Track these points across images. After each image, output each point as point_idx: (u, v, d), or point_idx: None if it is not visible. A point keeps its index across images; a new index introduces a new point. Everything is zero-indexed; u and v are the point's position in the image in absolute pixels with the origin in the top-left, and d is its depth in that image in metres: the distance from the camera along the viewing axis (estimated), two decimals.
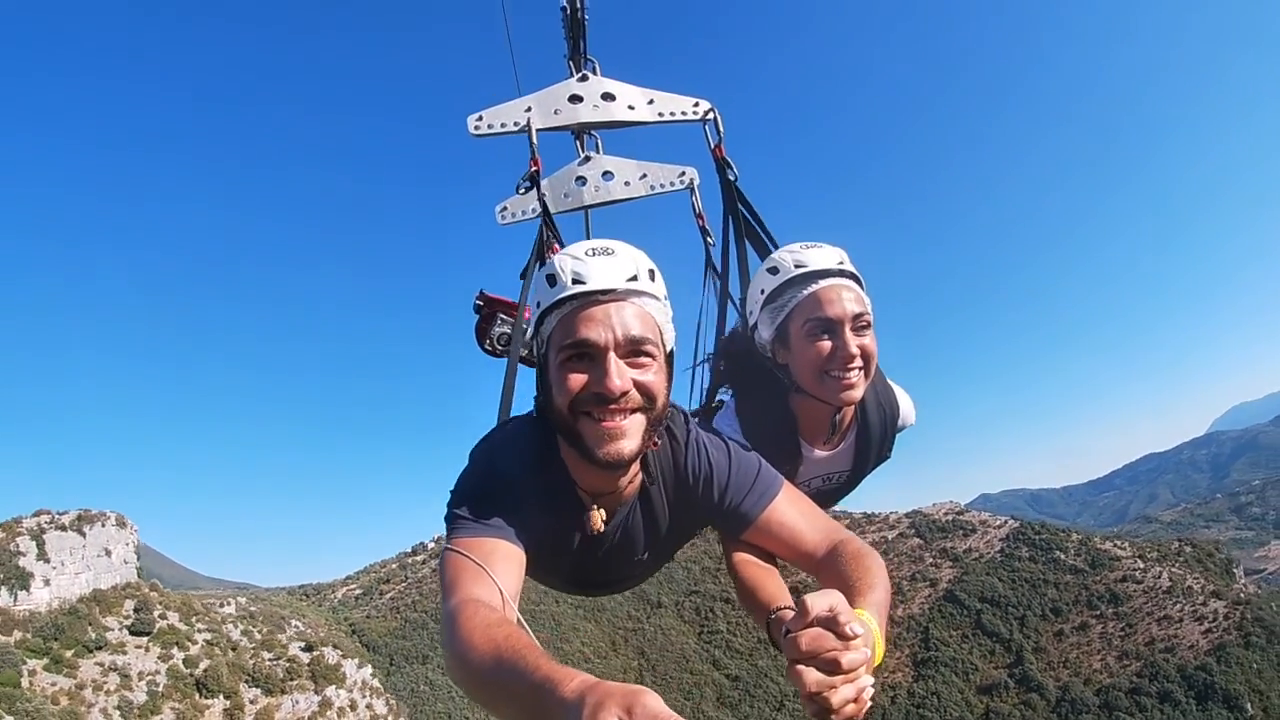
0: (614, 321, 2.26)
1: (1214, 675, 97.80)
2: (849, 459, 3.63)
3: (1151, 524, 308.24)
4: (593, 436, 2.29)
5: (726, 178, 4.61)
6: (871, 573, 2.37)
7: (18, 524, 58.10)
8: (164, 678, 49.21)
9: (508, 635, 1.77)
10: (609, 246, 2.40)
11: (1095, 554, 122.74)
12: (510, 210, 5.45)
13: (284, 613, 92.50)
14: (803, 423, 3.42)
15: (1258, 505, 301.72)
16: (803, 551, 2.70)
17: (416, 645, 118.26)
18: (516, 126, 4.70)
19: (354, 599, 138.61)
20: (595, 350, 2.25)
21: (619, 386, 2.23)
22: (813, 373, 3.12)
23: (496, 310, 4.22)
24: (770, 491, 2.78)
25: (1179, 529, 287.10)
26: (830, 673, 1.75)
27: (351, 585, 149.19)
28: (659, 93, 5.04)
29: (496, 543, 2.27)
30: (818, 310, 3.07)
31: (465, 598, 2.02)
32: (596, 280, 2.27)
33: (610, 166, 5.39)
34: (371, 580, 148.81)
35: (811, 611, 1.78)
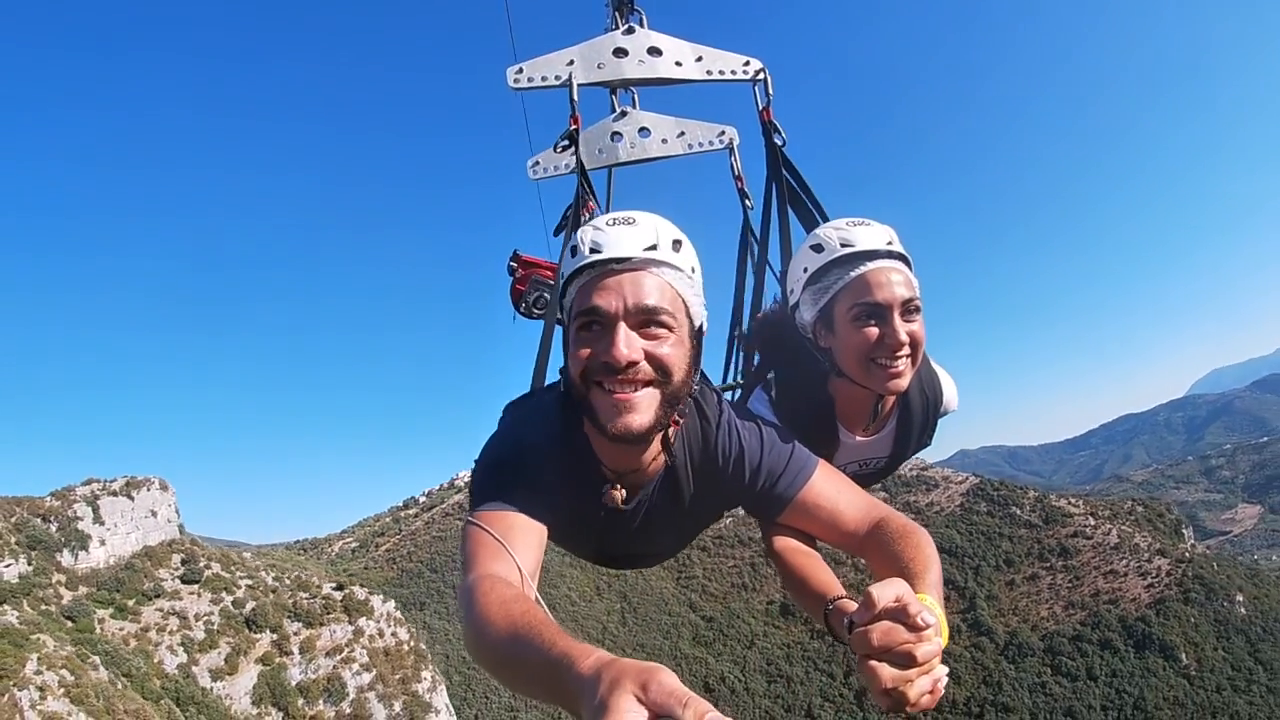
0: (626, 290, 2.23)
1: (1153, 627, 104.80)
2: (888, 445, 3.45)
3: (1123, 483, 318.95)
4: (603, 408, 2.26)
5: (773, 142, 4.42)
6: (923, 551, 2.31)
7: (70, 492, 64.86)
8: (217, 618, 56.10)
9: (524, 611, 1.75)
10: (631, 216, 2.37)
11: (1050, 510, 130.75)
12: (542, 165, 5.25)
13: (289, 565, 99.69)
14: (841, 407, 3.23)
15: (1227, 469, 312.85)
16: (844, 531, 2.65)
17: (414, 593, 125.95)
18: (558, 80, 4.54)
19: (350, 552, 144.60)
20: (606, 318, 2.23)
21: (625, 355, 2.18)
22: (859, 360, 2.92)
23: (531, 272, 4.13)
24: (805, 471, 2.71)
25: (1149, 489, 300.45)
26: (904, 667, 1.71)
27: (347, 539, 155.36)
28: (708, 49, 4.82)
29: (517, 517, 2.27)
30: (865, 294, 2.87)
31: (483, 573, 2.03)
32: (612, 249, 2.26)
33: (647, 123, 5.16)
34: (366, 534, 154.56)
35: (879, 603, 1.71)
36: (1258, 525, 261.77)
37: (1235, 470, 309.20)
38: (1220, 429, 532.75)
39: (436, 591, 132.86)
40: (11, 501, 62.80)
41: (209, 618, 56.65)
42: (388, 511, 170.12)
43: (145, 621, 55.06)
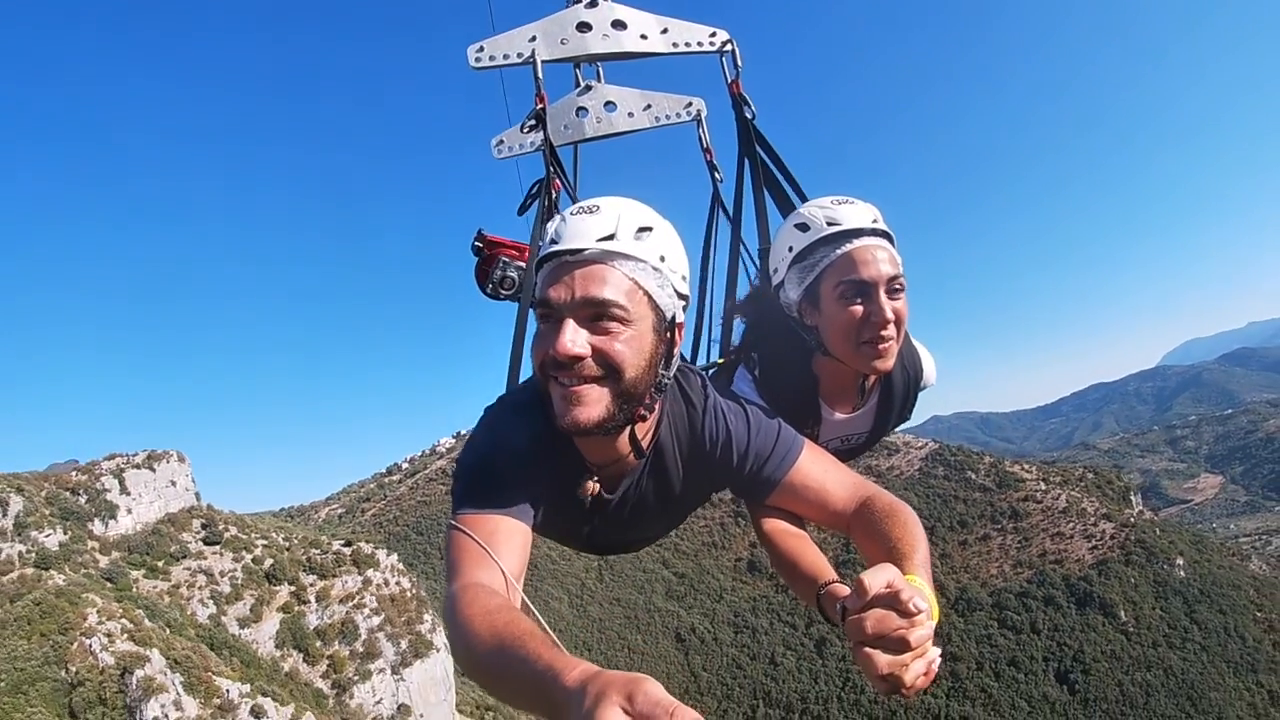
0: (576, 283, 2.17)
1: (1094, 586, 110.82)
2: (870, 420, 3.47)
3: (1089, 450, 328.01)
4: (555, 401, 2.23)
5: (743, 115, 4.30)
6: (910, 531, 2.32)
7: (96, 465, 71.63)
8: (240, 574, 62.27)
9: (508, 622, 1.75)
10: (597, 204, 2.29)
11: (1003, 475, 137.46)
12: (507, 144, 5.03)
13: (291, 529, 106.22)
14: (825, 385, 3.25)
15: (1191, 439, 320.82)
16: (832, 511, 2.65)
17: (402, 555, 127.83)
18: (520, 58, 4.39)
19: (337, 518, 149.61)
20: (553, 312, 2.19)
21: (566, 350, 2.13)
22: (845, 337, 2.91)
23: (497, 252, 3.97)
24: (792, 453, 2.70)
25: (1115, 457, 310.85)
26: (899, 652, 1.72)
27: (333, 505, 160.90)
28: (673, 20, 4.68)
29: (501, 520, 2.23)
30: (851, 272, 2.85)
31: (467, 582, 2.02)
32: (568, 240, 2.21)
33: (613, 96, 5.03)
34: (352, 500, 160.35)
35: (870, 590, 1.72)
36: (1218, 495, 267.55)
37: (1199, 441, 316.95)
38: (1188, 400, 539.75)
39: (423, 553, 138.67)
40: (39, 477, 69.13)
41: (233, 574, 63.23)
42: (371, 478, 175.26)
43: (175, 579, 61.66)
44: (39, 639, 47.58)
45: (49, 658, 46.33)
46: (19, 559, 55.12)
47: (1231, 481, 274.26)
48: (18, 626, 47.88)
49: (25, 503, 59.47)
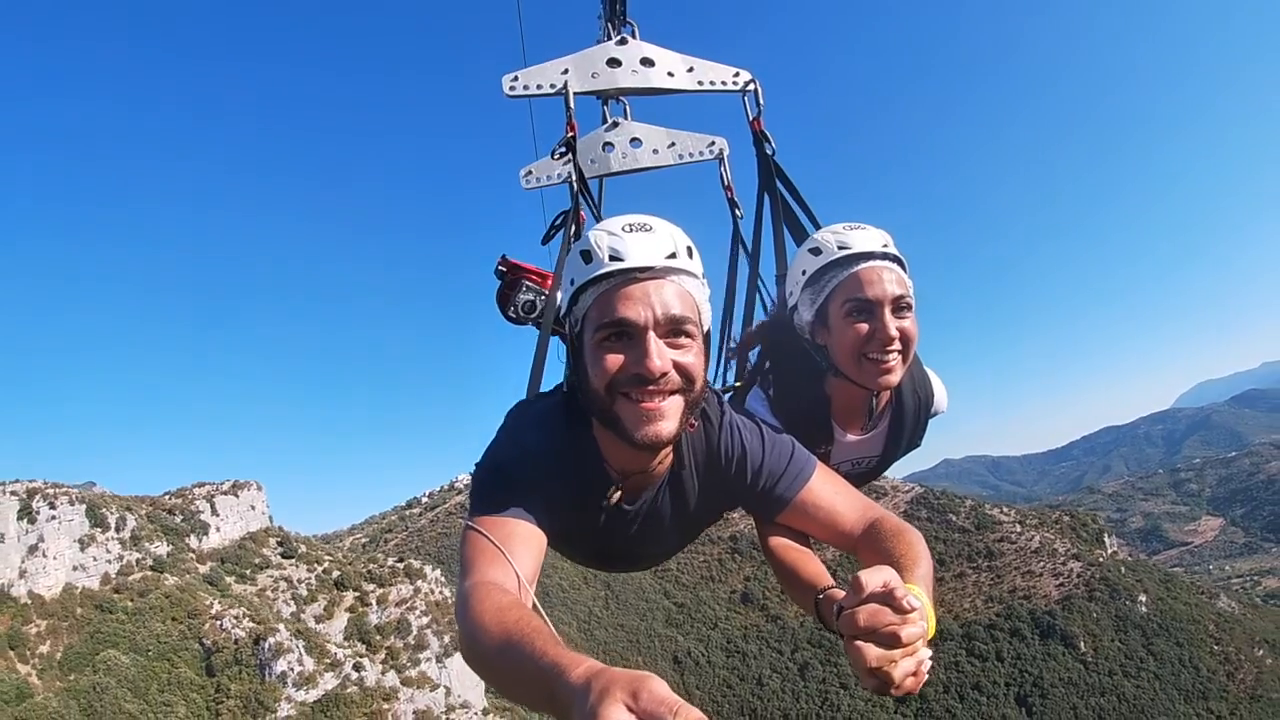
0: (653, 300, 2.23)
1: (1058, 619, 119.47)
2: (880, 444, 3.60)
3: (1095, 494, 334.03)
4: (631, 418, 2.26)
5: (764, 152, 4.46)
6: (914, 548, 2.39)
7: (189, 491, 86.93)
8: (314, 581, 76.47)
9: (518, 619, 1.78)
10: (646, 222, 2.36)
11: (982, 518, 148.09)
12: (535, 174, 5.28)
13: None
14: (837, 406, 3.39)
15: (1195, 482, 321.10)
16: (840, 531, 2.71)
17: None
18: (553, 89, 4.58)
19: (361, 546, 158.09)
20: (634, 329, 2.22)
21: (659, 367, 2.20)
22: (850, 355, 3.07)
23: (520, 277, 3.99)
24: (805, 473, 2.77)
25: (1118, 500, 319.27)
26: (889, 647, 1.77)
27: (358, 535, 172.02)
28: (699, 60, 4.89)
29: (517, 524, 2.29)
30: (857, 291, 3.02)
31: (480, 579, 2.07)
32: (635, 257, 2.24)
33: (638, 133, 5.27)
34: (375, 530, 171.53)
35: (866, 587, 1.78)
36: (1218, 536, 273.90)
37: (1203, 484, 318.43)
38: (1197, 442, 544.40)
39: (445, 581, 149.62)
40: (134, 500, 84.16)
41: (308, 581, 77.58)
42: (393, 510, 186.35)
43: (261, 585, 76.37)
44: (172, 622, 64.40)
45: (185, 635, 63.14)
46: (137, 564, 71.40)
47: (1231, 524, 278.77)
48: (153, 614, 64.35)
49: (136, 520, 76.03)
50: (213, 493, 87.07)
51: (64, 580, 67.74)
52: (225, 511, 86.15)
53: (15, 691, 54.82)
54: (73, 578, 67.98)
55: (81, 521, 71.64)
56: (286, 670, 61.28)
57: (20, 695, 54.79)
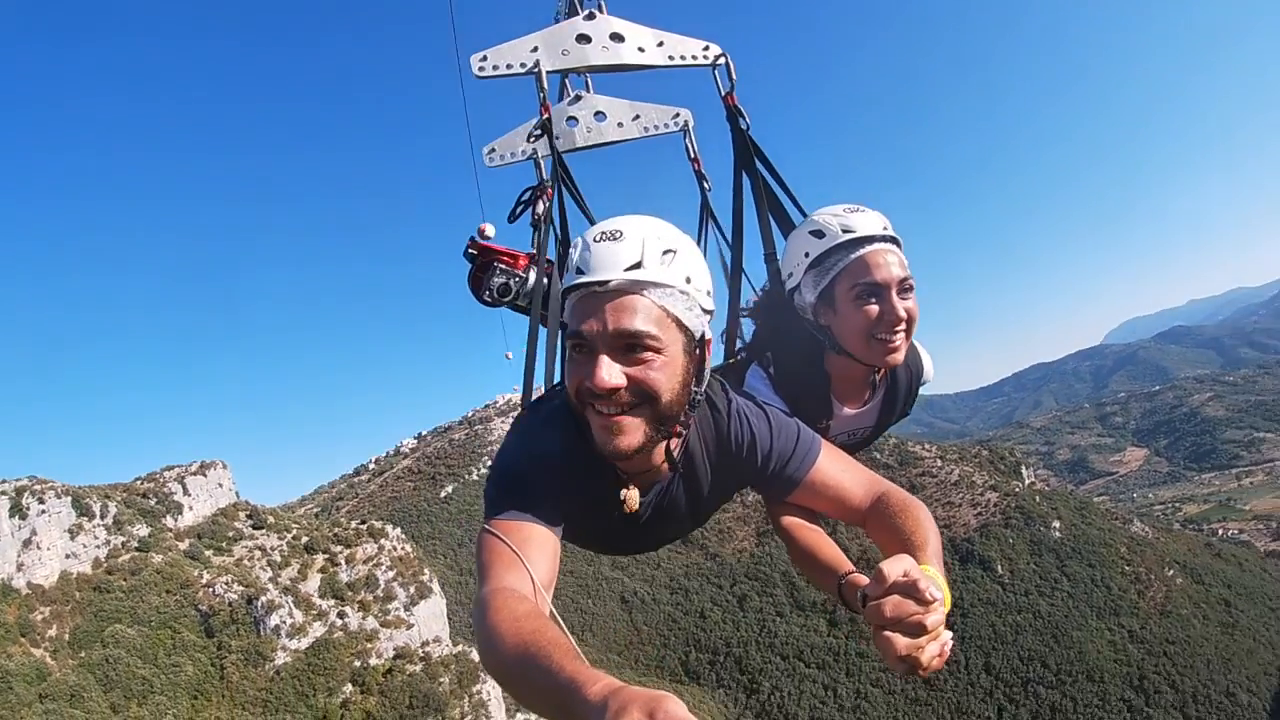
0: (607, 316, 2.25)
1: (975, 546, 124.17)
2: (875, 415, 3.72)
3: (1023, 429, 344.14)
4: (595, 429, 2.34)
5: (739, 128, 4.39)
6: (923, 524, 2.49)
7: (160, 474, 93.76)
8: (285, 548, 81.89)
9: (535, 630, 1.79)
10: (619, 229, 2.35)
11: (905, 454, 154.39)
12: (499, 152, 5.07)
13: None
14: (836, 382, 3.49)
15: (1120, 415, 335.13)
16: (848, 507, 2.82)
17: None
18: (524, 68, 4.47)
19: (314, 515, 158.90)
20: (588, 344, 2.27)
21: (605, 383, 2.22)
22: (860, 336, 3.17)
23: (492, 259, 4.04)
24: (812, 453, 2.85)
25: (1046, 434, 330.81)
26: (915, 635, 1.86)
27: (309, 505, 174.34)
28: (668, 34, 4.84)
29: (533, 528, 2.31)
30: (866, 274, 3.13)
31: (498, 586, 2.09)
32: (595, 270, 2.28)
33: (602, 106, 5.19)
34: (325, 500, 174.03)
35: (889, 578, 1.87)
36: (1142, 467, 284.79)
37: (1127, 416, 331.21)
38: (1124, 378, 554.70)
39: None
40: (108, 487, 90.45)
41: (280, 548, 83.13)
42: (340, 479, 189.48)
43: (238, 555, 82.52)
44: (167, 594, 73.10)
45: (181, 603, 71.83)
46: (123, 547, 78.79)
47: (1155, 454, 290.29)
48: (147, 589, 72.52)
49: (116, 507, 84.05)
50: (182, 474, 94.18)
51: (59, 569, 74.37)
52: (196, 491, 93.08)
53: (35, 672, 61.57)
54: (66, 565, 74.82)
55: (69, 513, 78.33)
56: (279, 624, 69.64)
57: (40, 675, 61.60)
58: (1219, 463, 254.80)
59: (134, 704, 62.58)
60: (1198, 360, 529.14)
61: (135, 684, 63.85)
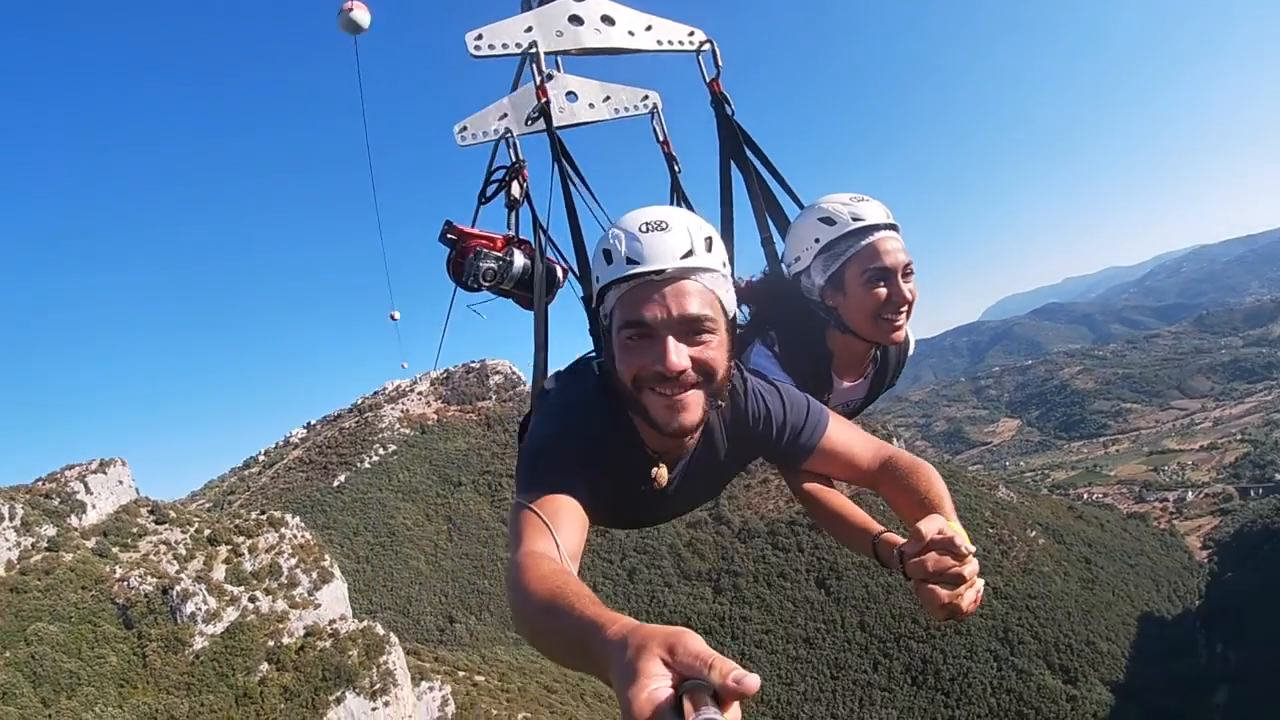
0: (670, 302, 2.40)
1: None
2: (866, 388, 4.08)
3: (902, 403, 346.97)
4: (657, 410, 2.48)
5: (724, 114, 4.54)
6: (935, 483, 2.71)
7: (61, 474, 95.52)
8: (190, 541, 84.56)
9: (561, 584, 1.88)
10: (663, 220, 2.50)
11: None
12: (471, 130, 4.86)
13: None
14: (838, 358, 3.83)
15: (994, 388, 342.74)
16: (860, 470, 3.07)
17: None
18: (519, 48, 4.45)
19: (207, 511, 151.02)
20: (653, 330, 2.41)
21: (676, 365, 2.38)
22: (868, 316, 3.50)
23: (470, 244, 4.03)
24: (822, 423, 3.07)
25: (924, 407, 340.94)
26: (955, 586, 2.12)
27: (200, 501, 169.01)
28: (656, 18, 4.88)
29: (565, 500, 2.43)
30: (876, 260, 3.42)
31: (529, 549, 2.18)
32: (651, 260, 2.42)
33: (574, 87, 5.12)
34: (217, 494, 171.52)
35: (926, 536, 2.14)
36: (1015, 436, 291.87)
37: (1001, 389, 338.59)
38: (1000, 352, 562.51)
39: None
40: (11, 489, 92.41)
41: (185, 541, 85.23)
42: (230, 472, 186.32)
43: (144, 550, 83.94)
44: (83, 590, 76.50)
45: (99, 598, 75.29)
46: (33, 548, 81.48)
47: (1027, 424, 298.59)
48: (63, 587, 75.29)
49: (22, 508, 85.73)
50: (83, 473, 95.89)
51: None
52: (98, 489, 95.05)
53: None
54: None
55: None
56: (195, 610, 72.80)
57: None
58: (1087, 432, 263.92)
59: (63, 696, 66.75)
60: (1070, 336, 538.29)
61: (63, 678, 67.95)
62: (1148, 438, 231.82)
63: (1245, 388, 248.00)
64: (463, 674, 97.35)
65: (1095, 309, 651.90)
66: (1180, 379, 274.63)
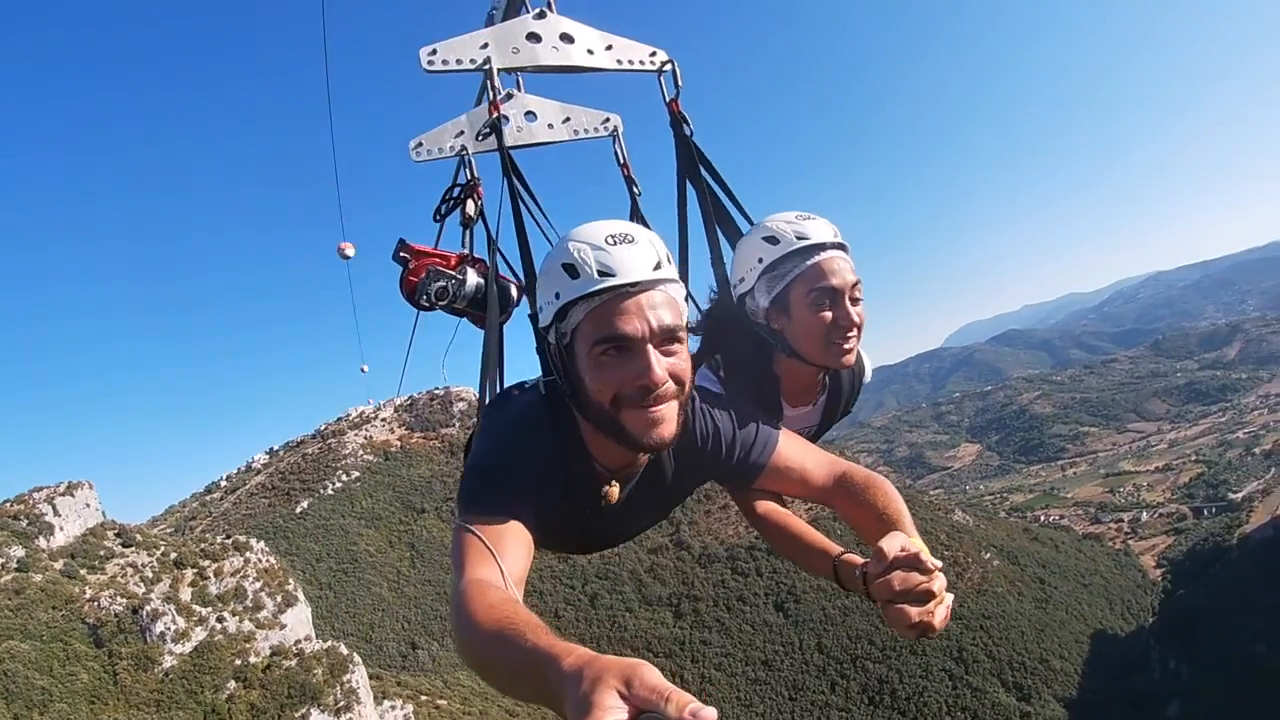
0: (648, 314, 2.35)
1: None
2: (819, 415, 3.90)
3: (865, 429, 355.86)
4: (637, 425, 2.40)
5: (683, 134, 4.50)
6: (892, 498, 2.73)
7: (29, 496, 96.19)
8: (156, 564, 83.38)
9: (509, 614, 1.82)
10: (626, 232, 2.44)
11: None
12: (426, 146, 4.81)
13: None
14: (785, 384, 3.64)
15: (955, 414, 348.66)
16: (814, 487, 3.02)
17: None
18: (474, 64, 4.45)
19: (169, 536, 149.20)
20: (634, 344, 2.34)
21: (661, 378, 2.34)
22: (815, 339, 3.31)
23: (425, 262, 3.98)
24: (773, 439, 3.03)
25: (886, 433, 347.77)
26: (924, 603, 2.09)
27: (162, 526, 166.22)
28: (617, 38, 4.87)
29: (507, 524, 2.35)
30: (822, 280, 3.24)
31: (472, 578, 2.12)
32: (625, 273, 2.35)
33: (533, 106, 5.09)
34: (178, 520, 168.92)
35: (890, 554, 2.11)
36: (975, 461, 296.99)
37: (962, 414, 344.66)
38: (960, 378, 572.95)
39: None
40: None
41: (151, 564, 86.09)
42: (192, 497, 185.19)
43: (111, 573, 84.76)
44: (54, 610, 78.45)
45: (69, 617, 77.11)
46: (3, 568, 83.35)
47: (987, 449, 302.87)
48: (34, 607, 77.06)
49: None
50: (51, 495, 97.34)
51: None
52: (65, 511, 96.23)
53: None
54: None
55: None
56: (164, 630, 74.63)
57: None
58: (1046, 455, 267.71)
59: (35, 713, 68.61)
60: (1029, 361, 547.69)
61: (35, 694, 69.69)
62: (1104, 460, 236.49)
63: (1200, 409, 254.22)
64: (425, 697, 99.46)
65: (1054, 335, 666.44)
66: (1136, 402, 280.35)
